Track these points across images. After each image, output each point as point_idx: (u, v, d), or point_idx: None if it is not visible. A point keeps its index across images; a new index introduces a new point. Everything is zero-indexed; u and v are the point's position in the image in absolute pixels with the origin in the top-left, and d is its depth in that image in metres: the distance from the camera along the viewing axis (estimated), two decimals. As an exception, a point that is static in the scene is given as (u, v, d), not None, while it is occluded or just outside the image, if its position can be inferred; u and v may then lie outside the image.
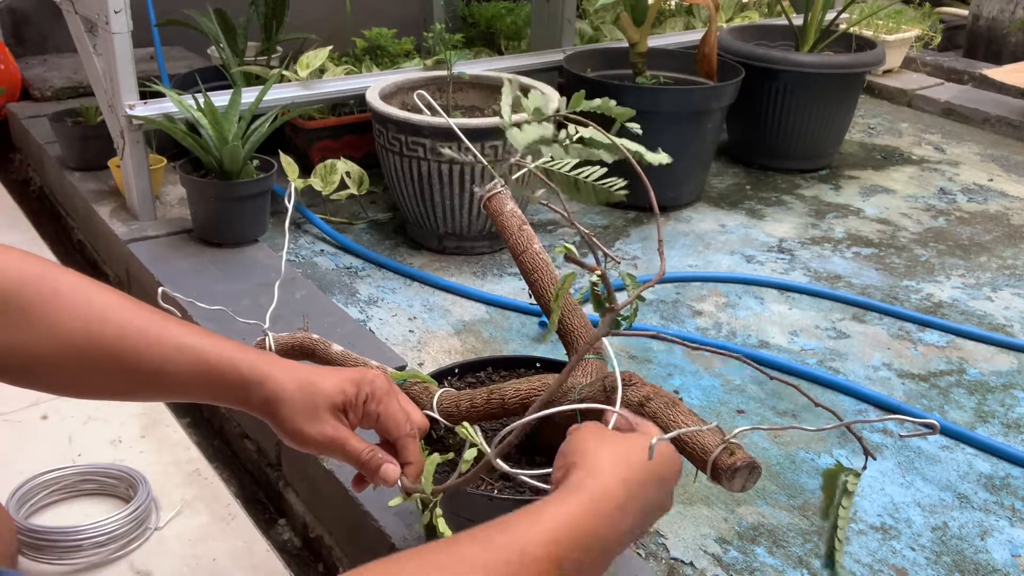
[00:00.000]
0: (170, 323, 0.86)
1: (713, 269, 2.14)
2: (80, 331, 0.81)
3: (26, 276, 0.80)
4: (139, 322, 0.84)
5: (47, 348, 0.80)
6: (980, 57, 3.83)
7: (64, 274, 0.83)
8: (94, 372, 0.83)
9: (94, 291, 0.84)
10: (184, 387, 0.86)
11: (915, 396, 1.70)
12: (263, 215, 2.03)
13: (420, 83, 2.27)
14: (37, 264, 0.82)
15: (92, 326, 0.81)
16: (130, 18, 1.89)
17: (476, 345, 1.79)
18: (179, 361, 0.84)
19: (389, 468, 0.88)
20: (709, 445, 0.81)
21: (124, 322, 0.83)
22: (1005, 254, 2.27)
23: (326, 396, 0.87)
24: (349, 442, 0.88)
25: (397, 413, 0.90)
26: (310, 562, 1.44)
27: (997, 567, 1.31)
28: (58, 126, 2.34)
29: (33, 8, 3.05)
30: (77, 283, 0.83)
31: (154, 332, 0.84)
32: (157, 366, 0.84)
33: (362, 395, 0.89)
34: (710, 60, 2.42)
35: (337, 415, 0.88)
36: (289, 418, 0.86)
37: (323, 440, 0.87)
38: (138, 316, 0.84)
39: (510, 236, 1.12)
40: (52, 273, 0.82)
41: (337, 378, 0.89)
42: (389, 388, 0.91)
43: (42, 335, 0.80)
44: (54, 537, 1.23)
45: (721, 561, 1.29)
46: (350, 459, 0.89)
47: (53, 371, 0.82)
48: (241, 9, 2.53)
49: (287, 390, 0.86)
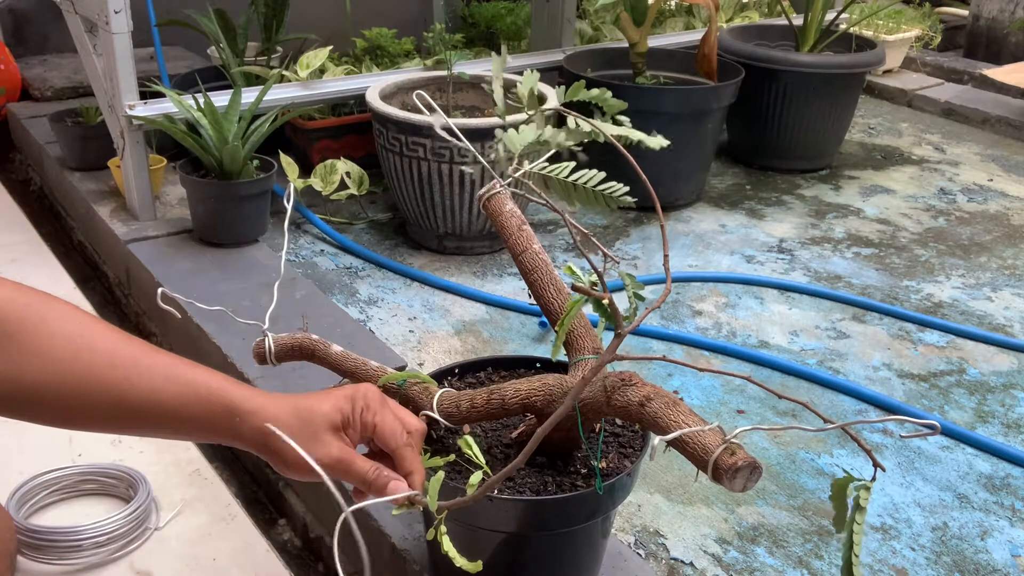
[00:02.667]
0: (160, 354, 0.84)
1: (713, 269, 2.14)
2: (69, 360, 0.80)
3: (15, 304, 0.79)
4: (130, 352, 0.83)
5: (35, 377, 0.79)
6: (980, 57, 3.83)
7: (54, 303, 0.82)
8: (82, 402, 0.81)
9: (85, 321, 0.83)
10: (173, 418, 0.84)
11: (915, 396, 1.70)
12: (263, 215, 2.03)
13: (420, 83, 2.27)
14: (26, 294, 0.81)
15: (82, 355, 0.80)
16: (130, 18, 1.89)
17: (476, 345, 1.79)
18: (169, 391, 0.82)
19: (397, 486, 0.87)
20: (710, 445, 0.81)
21: (114, 352, 0.82)
22: (1005, 254, 2.27)
23: (324, 417, 0.86)
24: (355, 462, 0.86)
25: (392, 423, 0.89)
26: (310, 562, 1.44)
27: (997, 567, 1.31)
28: (58, 126, 2.34)
29: (33, 8, 3.04)
30: (67, 312, 0.82)
31: (145, 362, 0.82)
32: (146, 396, 0.82)
33: (358, 409, 0.88)
34: (710, 60, 2.41)
35: (339, 435, 0.86)
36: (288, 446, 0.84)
37: (329, 462, 0.85)
38: (129, 346, 0.83)
39: (509, 236, 1.11)
40: (41, 302, 0.81)
41: (332, 398, 0.87)
42: (382, 399, 0.90)
43: (30, 364, 0.79)
44: (54, 537, 1.23)
45: (721, 561, 1.29)
46: (356, 479, 0.87)
47: (41, 401, 0.80)
48: (241, 9, 2.53)
49: (282, 418, 0.84)
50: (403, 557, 1.20)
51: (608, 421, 1.11)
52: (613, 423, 1.11)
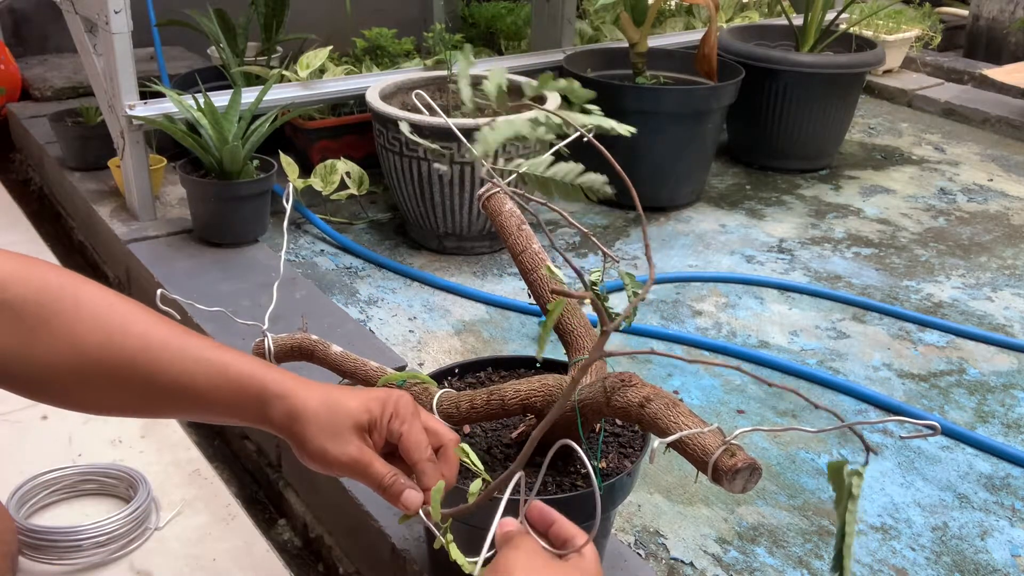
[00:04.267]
0: (192, 336, 0.84)
1: (713, 269, 2.14)
2: (101, 341, 0.80)
3: (48, 286, 0.79)
4: (161, 334, 0.82)
5: (66, 358, 0.79)
6: (980, 57, 3.83)
7: (86, 284, 0.82)
8: (112, 384, 0.81)
9: (117, 302, 0.82)
10: (203, 401, 0.83)
11: (915, 396, 1.70)
12: (263, 215, 2.03)
13: (420, 83, 2.27)
14: (60, 275, 0.81)
15: (114, 336, 0.80)
16: (130, 18, 1.89)
17: (476, 345, 1.79)
18: (199, 373, 0.82)
19: (411, 495, 0.85)
20: (710, 446, 0.81)
21: (145, 333, 0.81)
22: (1005, 254, 2.27)
23: (351, 415, 0.84)
24: (373, 465, 0.84)
25: (418, 436, 0.86)
26: (310, 562, 1.44)
27: (997, 567, 1.31)
28: (58, 126, 2.34)
29: (33, 8, 3.04)
30: (100, 294, 0.82)
31: (176, 344, 0.82)
32: (176, 378, 0.82)
33: (387, 415, 0.85)
34: (710, 60, 2.41)
35: (362, 435, 0.85)
36: (312, 436, 0.83)
37: (347, 461, 0.83)
38: (160, 328, 0.83)
39: (509, 236, 1.11)
40: (74, 283, 0.81)
41: (363, 397, 0.86)
42: (414, 409, 0.87)
43: (62, 345, 0.79)
44: (54, 537, 1.23)
45: (721, 561, 1.29)
46: (372, 483, 0.85)
47: (70, 383, 0.80)
48: (241, 9, 2.53)
49: (310, 406, 0.83)
50: (403, 557, 1.20)
51: (608, 421, 1.11)
52: (613, 423, 1.11)
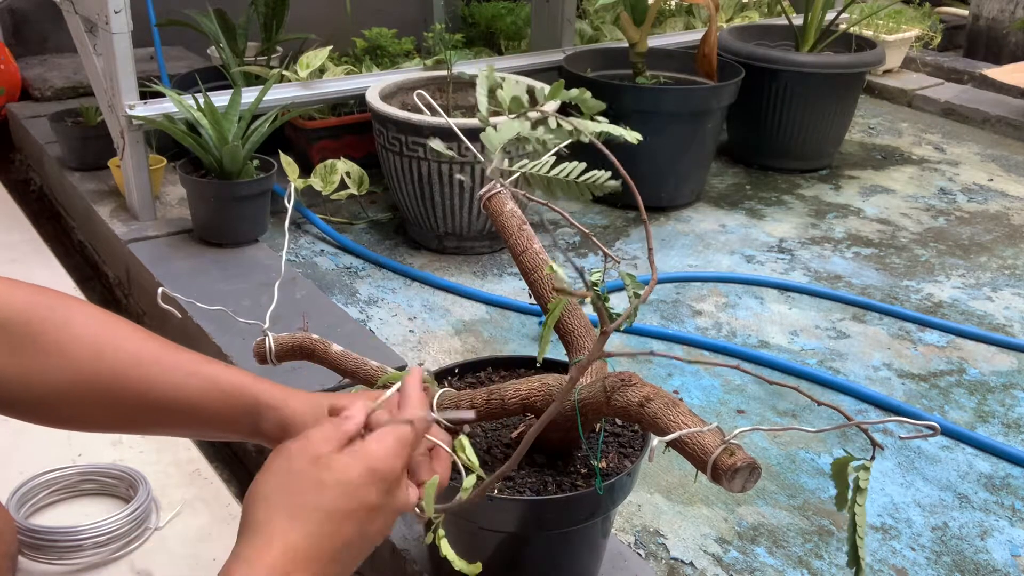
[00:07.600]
0: (183, 351, 0.85)
1: (713, 269, 2.14)
2: (92, 358, 0.80)
3: (37, 306, 0.80)
4: (153, 349, 0.83)
5: (58, 376, 0.79)
6: (980, 57, 3.83)
7: (77, 304, 0.83)
8: (105, 400, 0.82)
9: (107, 319, 0.83)
10: (196, 415, 0.84)
11: (915, 396, 1.70)
12: (263, 215, 2.03)
13: (420, 83, 2.27)
14: (48, 296, 0.82)
15: (105, 353, 0.81)
16: (130, 18, 1.89)
17: (476, 345, 1.79)
18: (192, 386, 0.83)
19: None
20: (709, 446, 0.80)
21: (137, 350, 0.82)
22: (1005, 254, 2.27)
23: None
24: None
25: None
26: (310, 562, 1.44)
27: (997, 567, 1.31)
28: (58, 126, 2.34)
29: (33, 8, 3.04)
30: (90, 312, 0.83)
31: (168, 359, 0.83)
32: (169, 392, 0.82)
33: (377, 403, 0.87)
34: (710, 60, 2.41)
35: None
36: None
37: None
38: (151, 344, 0.83)
39: (510, 236, 1.11)
40: (64, 303, 0.82)
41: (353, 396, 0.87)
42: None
43: (53, 363, 0.79)
44: (54, 537, 1.23)
45: (721, 561, 1.29)
46: None
47: (64, 401, 0.81)
48: (241, 9, 2.53)
49: (299, 412, 0.84)
50: (403, 557, 1.20)
51: (608, 421, 1.11)
52: (613, 423, 1.11)
